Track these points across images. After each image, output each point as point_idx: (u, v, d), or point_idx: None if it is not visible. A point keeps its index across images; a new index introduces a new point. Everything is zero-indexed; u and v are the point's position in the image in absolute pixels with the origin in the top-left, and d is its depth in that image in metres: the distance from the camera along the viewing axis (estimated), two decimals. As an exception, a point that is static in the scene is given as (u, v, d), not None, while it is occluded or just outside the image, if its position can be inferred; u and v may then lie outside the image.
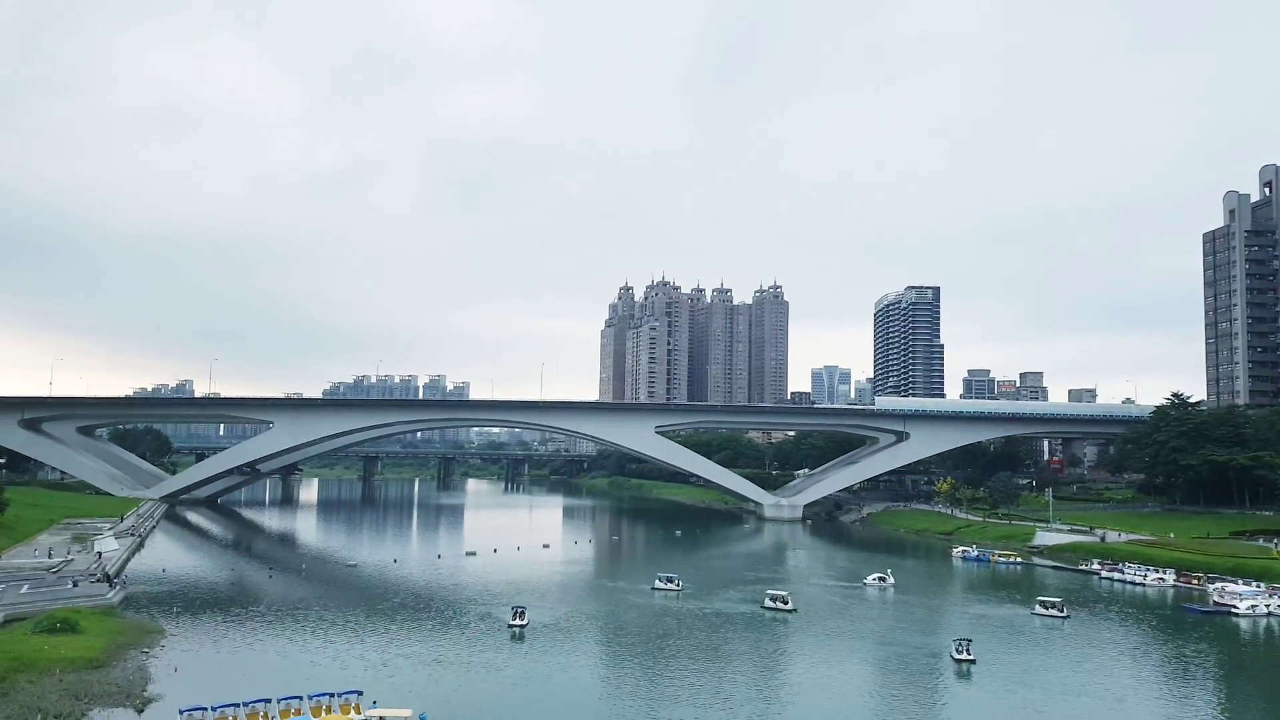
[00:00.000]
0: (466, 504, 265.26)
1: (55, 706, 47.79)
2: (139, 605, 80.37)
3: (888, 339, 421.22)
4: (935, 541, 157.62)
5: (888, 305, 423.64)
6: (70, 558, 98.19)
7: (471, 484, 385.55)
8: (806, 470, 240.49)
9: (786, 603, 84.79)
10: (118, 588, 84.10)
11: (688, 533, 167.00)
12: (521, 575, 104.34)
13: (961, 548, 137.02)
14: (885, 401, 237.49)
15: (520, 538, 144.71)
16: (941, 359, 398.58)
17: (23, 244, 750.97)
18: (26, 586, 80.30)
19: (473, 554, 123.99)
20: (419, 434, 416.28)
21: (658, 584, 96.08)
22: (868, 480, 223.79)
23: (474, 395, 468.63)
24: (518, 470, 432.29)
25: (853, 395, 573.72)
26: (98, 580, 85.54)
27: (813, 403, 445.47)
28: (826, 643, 72.99)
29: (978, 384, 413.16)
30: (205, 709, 46.64)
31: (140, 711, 49.86)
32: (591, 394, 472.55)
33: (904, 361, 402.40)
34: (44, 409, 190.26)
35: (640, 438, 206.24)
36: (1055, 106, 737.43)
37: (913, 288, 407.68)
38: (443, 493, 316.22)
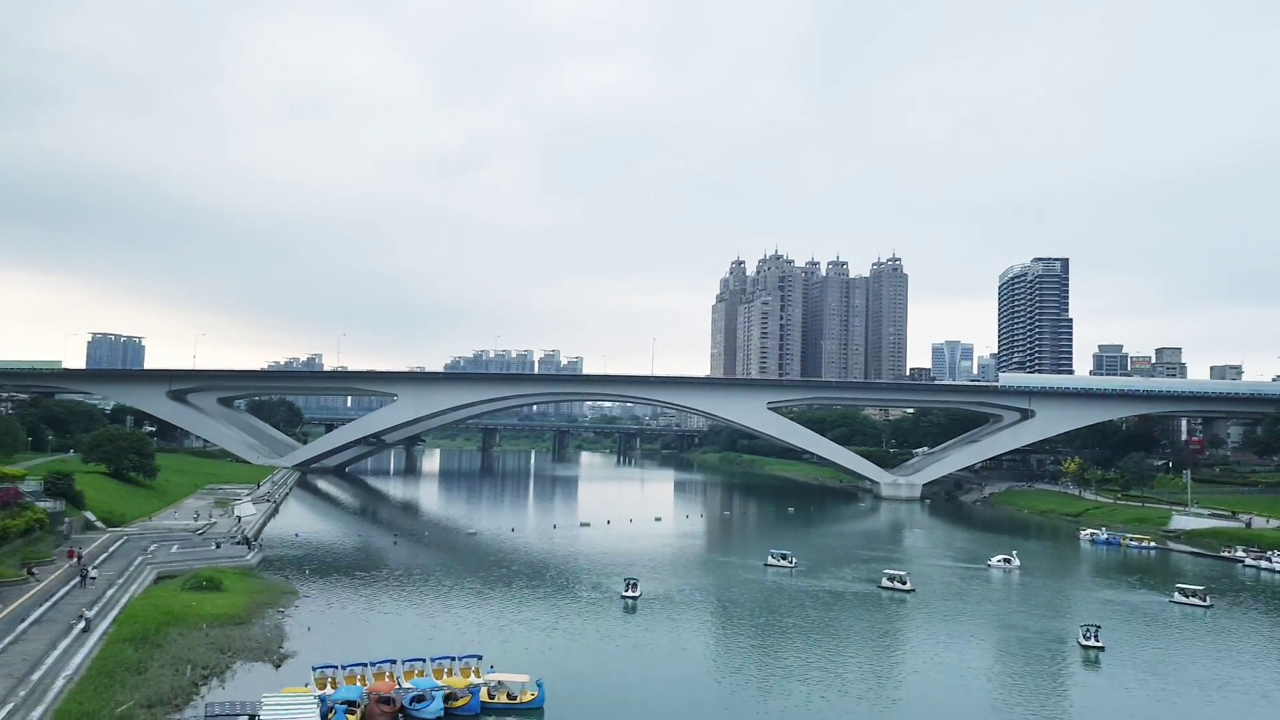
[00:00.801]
0: (580, 476, 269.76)
1: (203, 658, 51.13)
2: (275, 567, 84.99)
3: (1012, 313, 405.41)
4: (1061, 523, 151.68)
5: (1013, 278, 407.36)
6: (213, 521, 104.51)
7: (584, 457, 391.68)
8: (925, 448, 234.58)
9: (904, 583, 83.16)
10: (256, 550, 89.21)
11: (801, 510, 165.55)
12: (634, 547, 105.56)
13: (1090, 530, 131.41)
14: (1009, 378, 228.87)
15: (632, 510, 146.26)
16: (1070, 334, 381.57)
17: (168, 227, 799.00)
18: (176, 546, 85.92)
19: (586, 525, 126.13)
20: (534, 407, 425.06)
21: (770, 560, 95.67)
22: (990, 459, 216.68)
23: (587, 370, 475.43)
24: (629, 444, 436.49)
25: (975, 371, 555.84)
26: (238, 543, 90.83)
27: (933, 379, 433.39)
28: (945, 624, 71.30)
29: (1109, 360, 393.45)
30: (335, 667, 49.07)
31: (278, 666, 52.82)
32: (702, 369, 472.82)
33: (1030, 336, 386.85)
34: (188, 381, 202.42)
35: (752, 413, 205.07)
36: (1191, 67, 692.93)
37: (1039, 259, 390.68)
38: (557, 465, 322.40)
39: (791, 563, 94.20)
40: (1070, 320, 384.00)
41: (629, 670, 54.45)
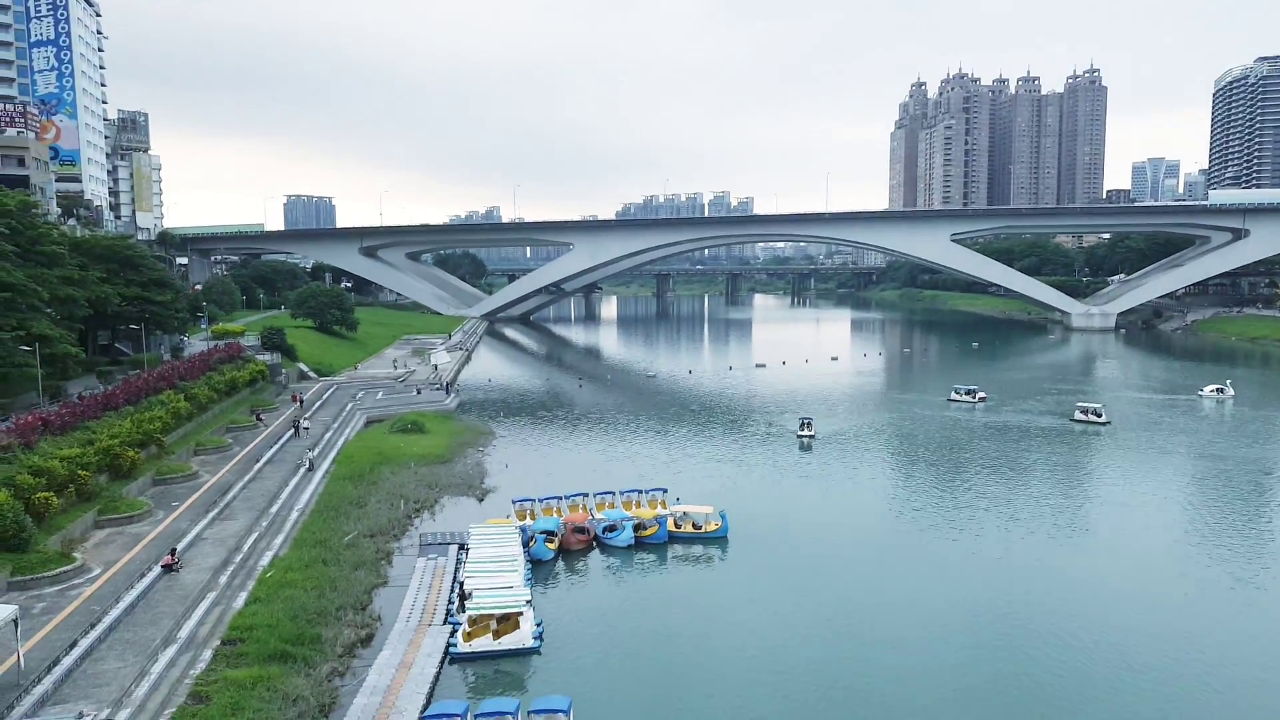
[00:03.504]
0: (754, 318, 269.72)
1: (413, 494, 55.89)
2: (471, 410, 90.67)
3: (1228, 123, 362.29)
4: (1274, 350, 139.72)
5: (1230, 82, 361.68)
6: (412, 369, 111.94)
7: (758, 299, 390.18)
8: (1122, 275, 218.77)
9: (1099, 415, 79.46)
10: (453, 395, 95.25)
11: (986, 344, 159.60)
12: (809, 387, 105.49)
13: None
14: (1221, 195, 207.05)
15: (807, 351, 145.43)
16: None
17: (349, 86, 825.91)
18: (381, 393, 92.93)
19: (762, 366, 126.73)
20: (706, 251, 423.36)
21: (953, 396, 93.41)
22: (1194, 285, 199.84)
23: (758, 210, 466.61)
24: (803, 284, 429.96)
25: (1180, 190, 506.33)
26: (437, 389, 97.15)
27: (1132, 201, 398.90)
28: (1143, 456, 68.04)
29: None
30: (533, 500, 52.46)
31: (480, 500, 57.05)
32: (880, 203, 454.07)
33: (1246, 149, 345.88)
34: (378, 237, 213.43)
35: (933, 246, 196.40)
36: None
37: (1264, 59, 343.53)
38: (730, 308, 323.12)
39: (975, 398, 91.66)
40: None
41: (805, 504, 55.38)
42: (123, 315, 78.68)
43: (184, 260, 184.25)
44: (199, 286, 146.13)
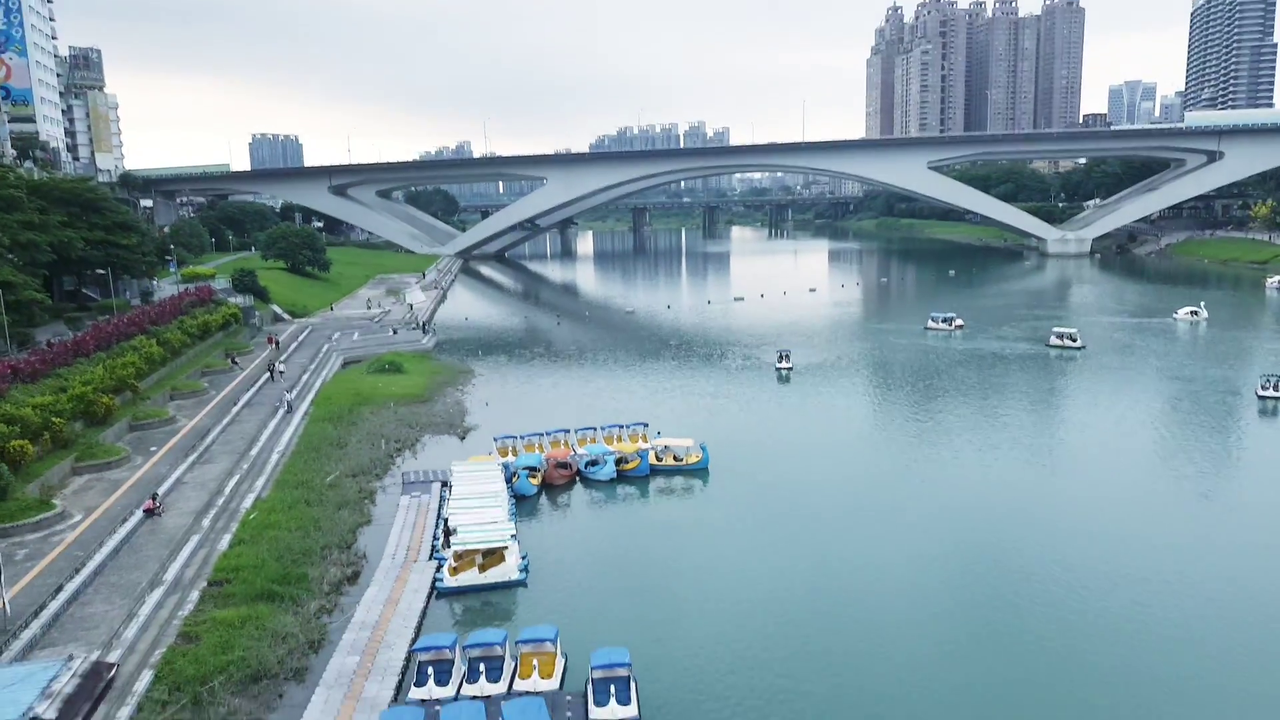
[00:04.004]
0: (732, 251, 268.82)
1: (394, 433, 55.81)
2: (449, 349, 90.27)
3: (1205, 44, 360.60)
4: (1245, 272, 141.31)
5: (1208, 2, 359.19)
6: (387, 309, 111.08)
7: (735, 231, 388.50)
8: (1097, 200, 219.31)
9: (1074, 340, 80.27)
10: (430, 334, 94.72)
11: (962, 272, 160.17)
12: (788, 319, 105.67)
13: (1278, 277, 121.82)
14: (1197, 117, 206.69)
15: (786, 283, 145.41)
16: (1272, 63, 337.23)
17: (312, 17, 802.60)
18: (357, 334, 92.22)
19: (740, 299, 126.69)
20: (683, 184, 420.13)
21: (930, 324, 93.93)
22: (1169, 209, 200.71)
23: (734, 140, 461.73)
24: (781, 216, 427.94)
25: (1157, 114, 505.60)
26: (413, 328, 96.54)
27: (1109, 125, 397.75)
28: (1117, 379, 68.97)
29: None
30: (515, 437, 52.54)
31: (462, 438, 57.07)
32: (857, 131, 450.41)
33: (1223, 70, 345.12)
34: (347, 175, 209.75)
35: (910, 175, 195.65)
36: None
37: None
38: (708, 241, 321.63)
39: (952, 326, 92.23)
40: (1275, 46, 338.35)
41: (784, 435, 55.83)
42: (87, 260, 77.10)
43: (148, 203, 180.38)
44: (165, 229, 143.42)
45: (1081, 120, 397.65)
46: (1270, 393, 60.23)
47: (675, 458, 49.52)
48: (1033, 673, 27.70)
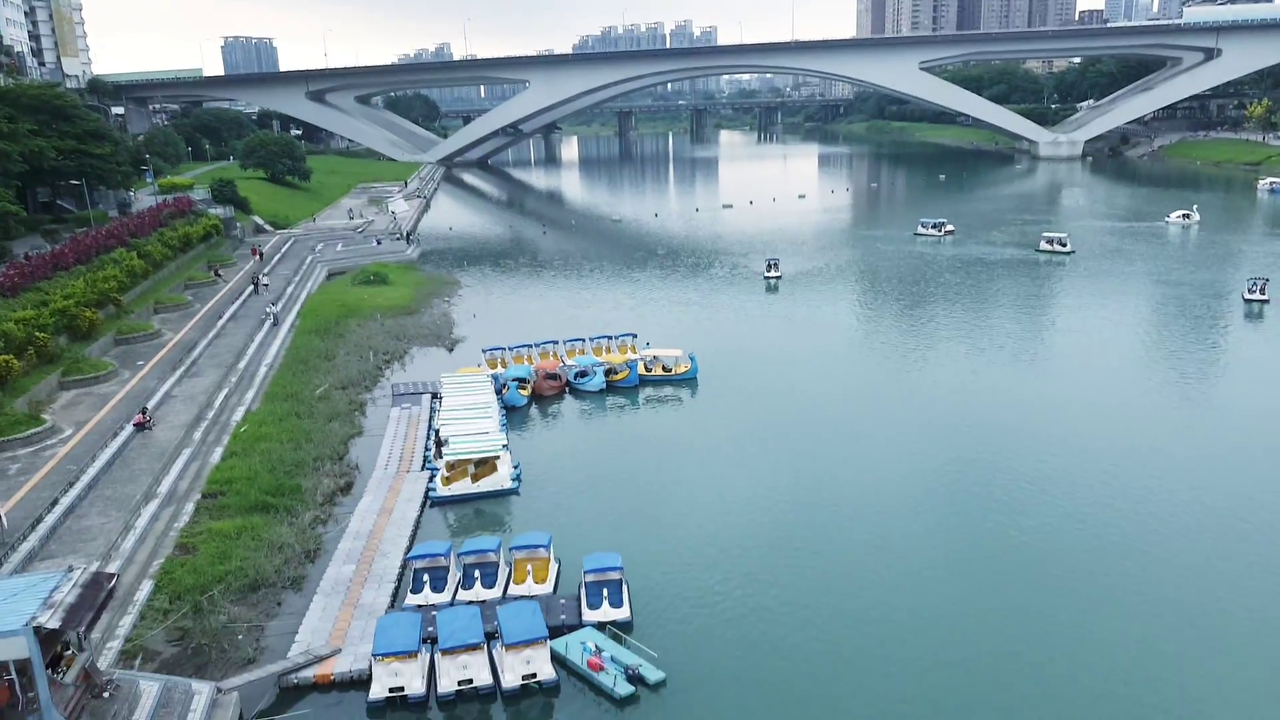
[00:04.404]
0: (720, 156, 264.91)
1: (382, 345, 55.66)
2: (434, 260, 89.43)
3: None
4: (1238, 174, 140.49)
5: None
6: (370, 219, 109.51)
7: (724, 135, 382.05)
8: (1091, 102, 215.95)
9: (1064, 245, 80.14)
10: (414, 245, 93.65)
11: (952, 177, 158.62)
12: (777, 226, 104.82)
13: (1270, 179, 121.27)
14: (1194, 13, 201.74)
15: (775, 189, 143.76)
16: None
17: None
18: (340, 245, 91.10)
19: (729, 206, 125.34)
20: (669, 86, 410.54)
21: (920, 230, 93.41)
22: (1162, 110, 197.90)
23: (721, 40, 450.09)
24: (770, 119, 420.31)
25: (1155, 9, 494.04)
26: (397, 238, 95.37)
27: (1105, 21, 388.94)
28: (1104, 283, 69.11)
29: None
30: (503, 348, 52.45)
31: (450, 350, 57.00)
32: (848, 31, 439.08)
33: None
34: (325, 81, 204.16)
35: (901, 76, 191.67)
36: None
37: None
38: (696, 145, 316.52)
39: (942, 232, 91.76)
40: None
41: (772, 344, 55.92)
42: (60, 170, 75.30)
43: (120, 110, 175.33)
44: (139, 138, 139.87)
45: (1077, 18, 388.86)
46: (1256, 296, 60.53)
47: (664, 368, 49.65)
48: (1020, 580, 28.37)
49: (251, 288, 66.87)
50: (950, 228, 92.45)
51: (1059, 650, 24.27)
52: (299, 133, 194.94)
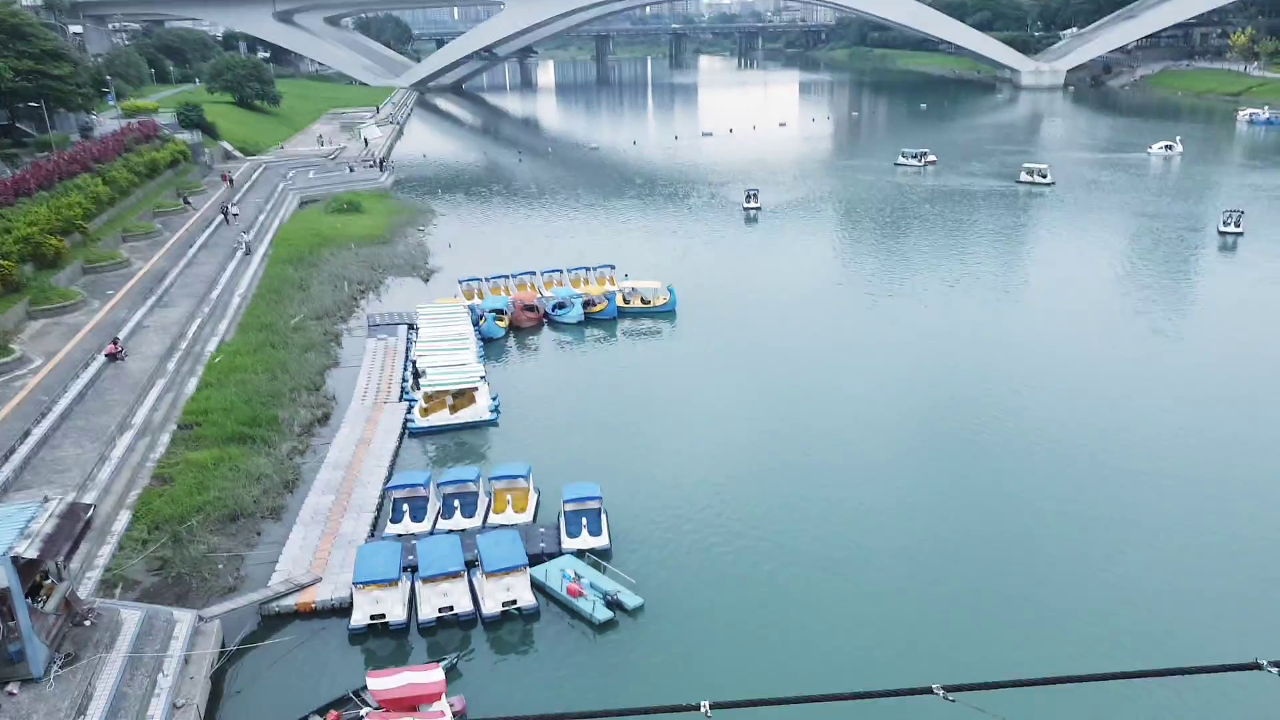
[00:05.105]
0: (699, 82, 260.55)
1: (356, 275, 55.01)
2: (407, 188, 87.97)
3: None
4: (1219, 104, 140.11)
5: None
6: (342, 146, 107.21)
7: (703, 61, 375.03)
8: (1074, 30, 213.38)
9: (1044, 176, 79.96)
10: (388, 172, 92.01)
11: (934, 106, 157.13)
12: (757, 155, 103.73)
13: (1250, 110, 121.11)
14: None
15: (755, 116, 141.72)
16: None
17: None
18: (312, 172, 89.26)
19: (708, 134, 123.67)
20: (648, 10, 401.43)
21: (900, 160, 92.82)
22: (1145, 38, 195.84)
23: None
24: (750, 45, 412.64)
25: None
26: (370, 166, 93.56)
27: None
28: (1082, 216, 69.22)
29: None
30: (480, 279, 52.02)
31: (426, 280, 56.45)
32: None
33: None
34: (292, 0, 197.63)
35: (884, 1, 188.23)
36: None
37: None
38: (675, 71, 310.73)
39: (923, 162, 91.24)
40: None
41: (751, 276, 55.79)
42: (18, 92, 72.72)
43: (77, 29, 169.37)
44: (99, 59, 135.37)
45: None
46: (1231, 229, 60.90)
47: (642, 300, 49.48)
48: (993, 507, 28.92)
49: (221, 217, 65.52)
50: (932, 158, 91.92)
51: (1034, 577, 24.87)
52: (267, 55, 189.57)
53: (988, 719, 9.34)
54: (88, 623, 21.16)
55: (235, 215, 66.20)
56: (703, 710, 6.12)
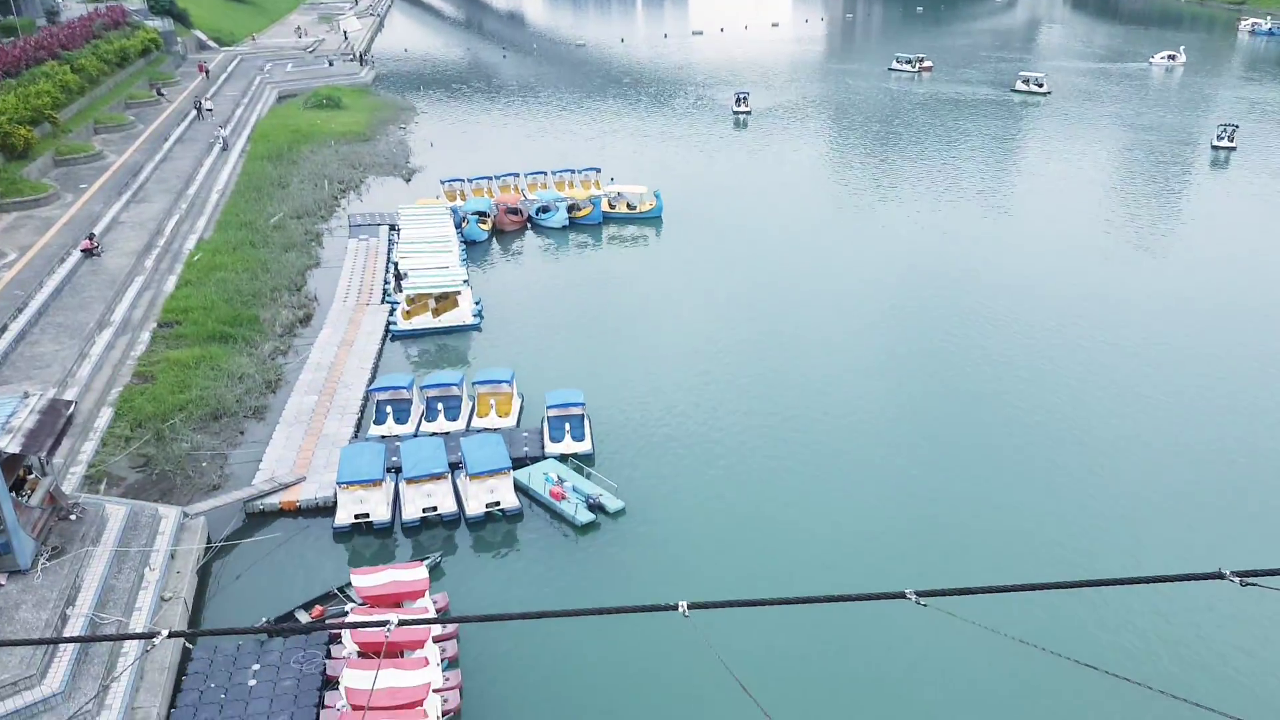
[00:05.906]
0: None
1: (337, 173, 53.90)
2: (388, 84, 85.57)
3: None
4: (1221, 13, 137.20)
5: None
6: (321, 38, 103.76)
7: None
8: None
9: (1040, 85, 78.61)
10: (368, 67, 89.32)
11: (931, 9, 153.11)
12: (747, 56, 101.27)
13: (1252, 20, 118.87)
14: None
15: (747, 15, 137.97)
16: None
17: None
18: (290, 65, 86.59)
19: (699, 33, 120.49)
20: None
21: (894, 65, 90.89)
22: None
23: None
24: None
25: None
26: (350, 60, 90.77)
27: None
28: (1075, 127, 68.29)
29: None
30: (462, 180, 51.12)
31: (407, 180, 55.42)
32: None
33: None
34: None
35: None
36: None
37: None
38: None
39: (918, 67, 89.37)
40: None
41: (740, 182, 55.09)
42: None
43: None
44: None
45: None
46: (1224, 144, 60.36)
47: (629, 205, 48.82)
48: (978, 416, 29.23)
49: (194, 112, 63.59)
50: (928, 63, 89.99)
51: (1010, 486, 25.35)
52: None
53: (959, 623, 9.60)
54: (73, 517, 21.29)
55: (209, 111, 64.26)
56: (681, 610, 6.21)
